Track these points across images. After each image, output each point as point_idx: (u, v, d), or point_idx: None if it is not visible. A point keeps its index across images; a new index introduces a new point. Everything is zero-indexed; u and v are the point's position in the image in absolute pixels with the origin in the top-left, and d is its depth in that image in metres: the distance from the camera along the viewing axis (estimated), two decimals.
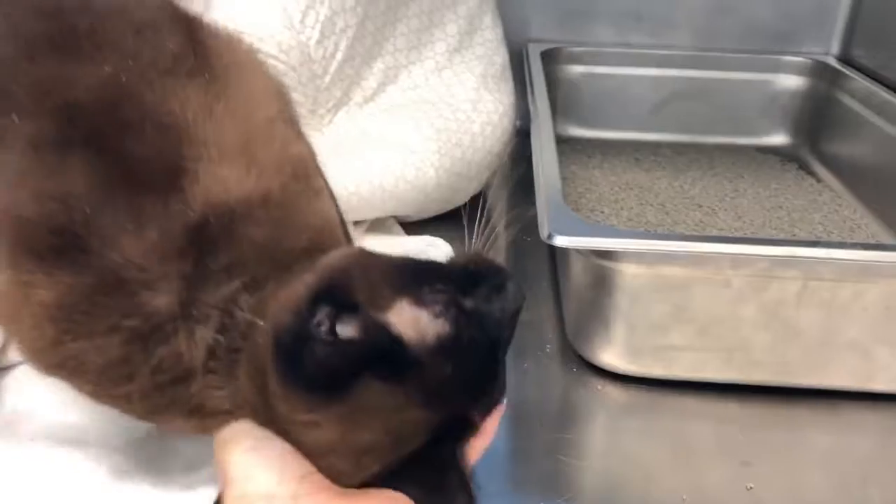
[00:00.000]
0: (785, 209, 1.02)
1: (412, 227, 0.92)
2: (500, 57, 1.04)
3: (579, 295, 0.72)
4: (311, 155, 0.58)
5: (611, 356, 0.71)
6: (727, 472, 0.63)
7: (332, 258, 0.45)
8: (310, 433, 0.41)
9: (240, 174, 0.47)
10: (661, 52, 1.23)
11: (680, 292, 0.67)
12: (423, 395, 0.41)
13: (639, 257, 0.65)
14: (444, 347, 0.41)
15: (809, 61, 1.20)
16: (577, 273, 0.72)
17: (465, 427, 0.44)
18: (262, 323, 0.42)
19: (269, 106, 0.54)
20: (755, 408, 0.70)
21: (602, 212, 1.00)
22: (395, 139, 0.88)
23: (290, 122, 0.57)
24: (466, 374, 0.42)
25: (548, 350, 0.76)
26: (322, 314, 0.39)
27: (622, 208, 1.01)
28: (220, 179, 0.46)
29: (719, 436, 0.67)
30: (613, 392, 0.71)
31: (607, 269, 0.67)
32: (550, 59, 1.19)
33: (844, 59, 1.21)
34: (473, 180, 0.95)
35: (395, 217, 0.91)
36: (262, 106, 0.53)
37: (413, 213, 0.90)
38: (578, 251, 0.69)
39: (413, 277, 0.43)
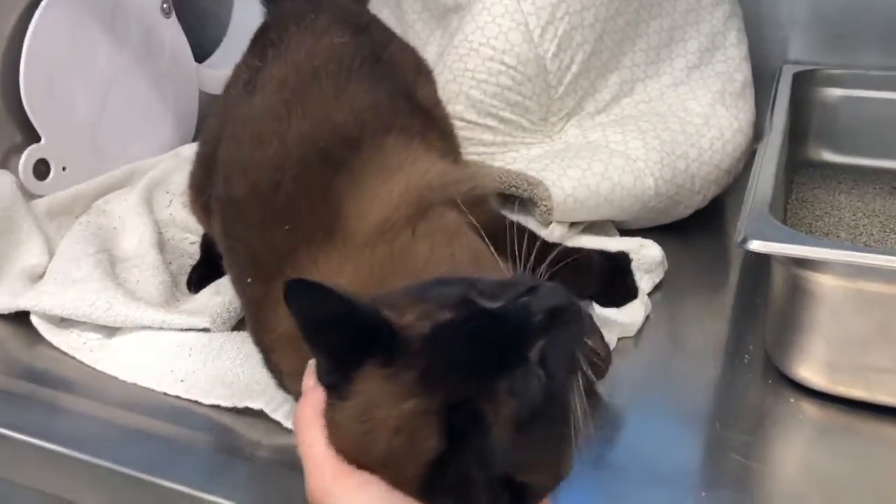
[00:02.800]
0: None
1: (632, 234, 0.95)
2: (742, 74, 1.04)
3: (778, 305, 0.72)
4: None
5: (807, 371, 0.70)
6: None
7: None
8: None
9: None
10: None
11: (884, 310, 0.64)
12: (416, 379, 0.42)
13: (837, 269, 0.64)
14: (439, 332, 0.43)
15: None
16: (777, 283, 0.71)
17: (478, 421, 0.42)
18: None
19: None
20: None
21: (838, 235, 0.96)
22: (617, 148, 0.93)
23: None
24: (464, 357, 0.42)
25: (746, 360, 0.76)
26: None
27: (861, 234, 0.96)
28: None
29: None
30: (807, 407, 0.70)
31: (805, 280, 0.66)
32: (806, 81, 1.15)
33: None
34: (697, 194, 0.96)
35: (612, 222, 0.95)
36: None
37: (630, 219, 0.94)
38: (779, 261, 0.69)
39: (432, 286, 0.47)
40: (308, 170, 0.65)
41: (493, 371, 0.42)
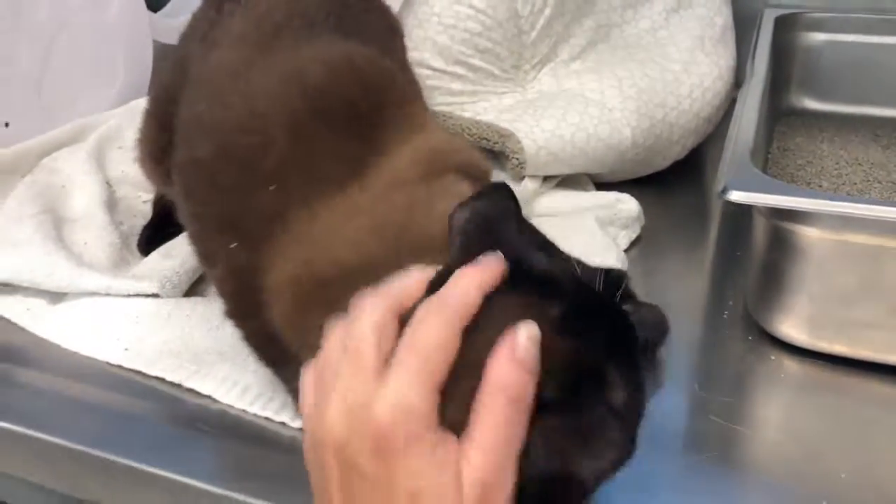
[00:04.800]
0: None
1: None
2: (722, 18, 0.99)
3: (760, 260, 0.68)
4: None
5: (789, 327, 0.67)
6: None
7: None
8: None
9: None
10: None
11: (870, 263, 0.61)
12: (559, 316, 0.41)
13: (823, 220, 0.60)
14: (587, 294, 0.45)
15: None
16: (759, 236, 0.67)
17: (602, 383, 0.40)
18: None
19: None
20: None
21: (820, 185, 0.92)
22: (593, 97, 0.88)
23: None
24: (603, 326, 0.42)
25: (725, 317, 0.73)
26: None
27: (844, 183, 0.92)
28: None
29: None
30: (789, 365, 0.67)
31: (788, 232, 0.63)
32: (788, 25, 1.11)
33: None
34: (676, 144, 0.92)
35: (588, 175, 0.91)
36: None
37: (607, 171, 0.89)
38: (761, 212, 0.66)
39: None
40: (303, 128, 0.58)
41: (623, 354, 0.42)
